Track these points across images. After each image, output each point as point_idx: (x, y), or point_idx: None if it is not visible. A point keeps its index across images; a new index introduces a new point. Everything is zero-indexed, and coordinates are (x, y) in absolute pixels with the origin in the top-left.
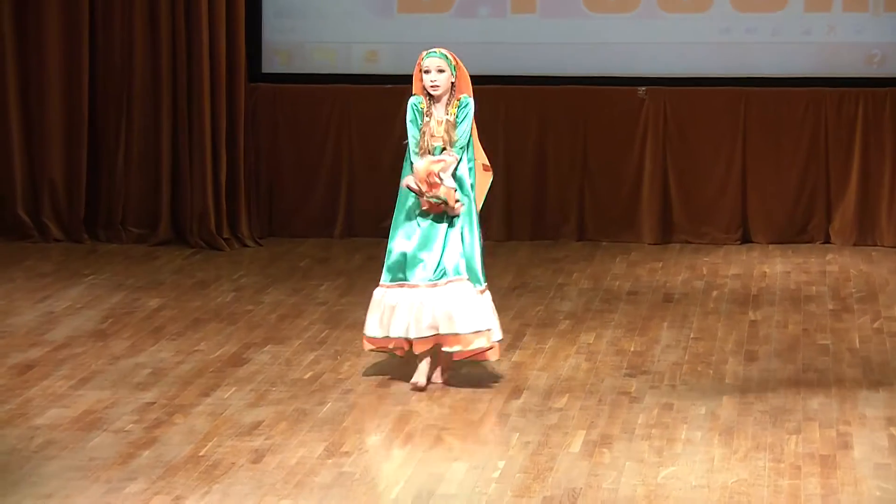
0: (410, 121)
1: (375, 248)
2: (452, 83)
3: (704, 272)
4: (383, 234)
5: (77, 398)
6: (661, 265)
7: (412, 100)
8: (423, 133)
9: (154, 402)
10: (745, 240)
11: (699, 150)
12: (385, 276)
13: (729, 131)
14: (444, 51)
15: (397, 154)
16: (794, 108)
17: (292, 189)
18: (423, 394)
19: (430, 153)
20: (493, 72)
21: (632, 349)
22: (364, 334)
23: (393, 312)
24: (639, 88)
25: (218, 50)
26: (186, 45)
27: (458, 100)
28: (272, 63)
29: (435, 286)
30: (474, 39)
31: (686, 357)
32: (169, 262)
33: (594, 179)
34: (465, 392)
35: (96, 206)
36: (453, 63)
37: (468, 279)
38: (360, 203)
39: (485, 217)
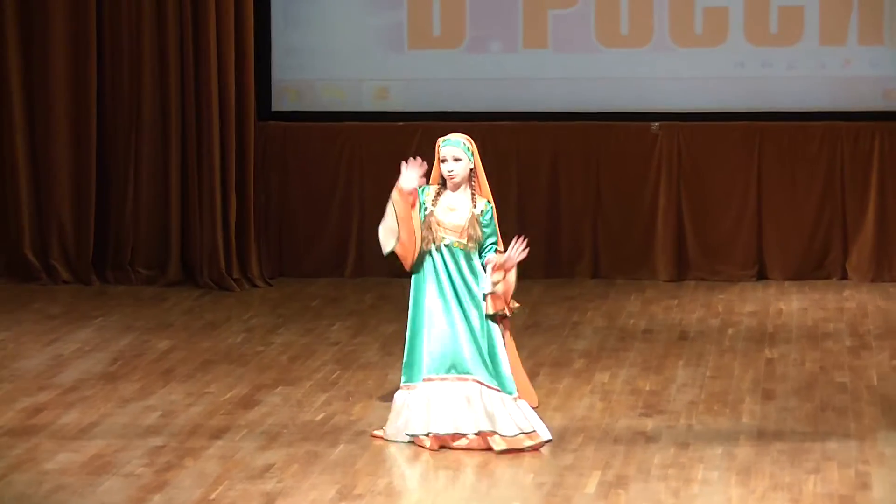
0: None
1: (387, 287)
2: (471, 170)
3: (720, 309)
4: (395, 273)
5: (86, 442)
6: (676, 303)
7: (424, 186)
8: (429, 223)
9: (164, 446)
10: (761, 276)
11: (714, 185)
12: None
13: (744, 166)
14: (460, 138)
15: None
16: (809, 143)
17: (303, 228)
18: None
19: (433, 243)
20: (505, 107)
21: (647, 388)
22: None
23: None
24: (652, 124)
25: (227, 88)
26: (195, 83)
27: (482, 201)
28: (282, 101)
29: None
30: (486, 75)
31: (702, 396)
32: (178, 303)
33: (608, 216)
34: None
35: (105, 248)
36: (470, 149)
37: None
38: (371, 242)
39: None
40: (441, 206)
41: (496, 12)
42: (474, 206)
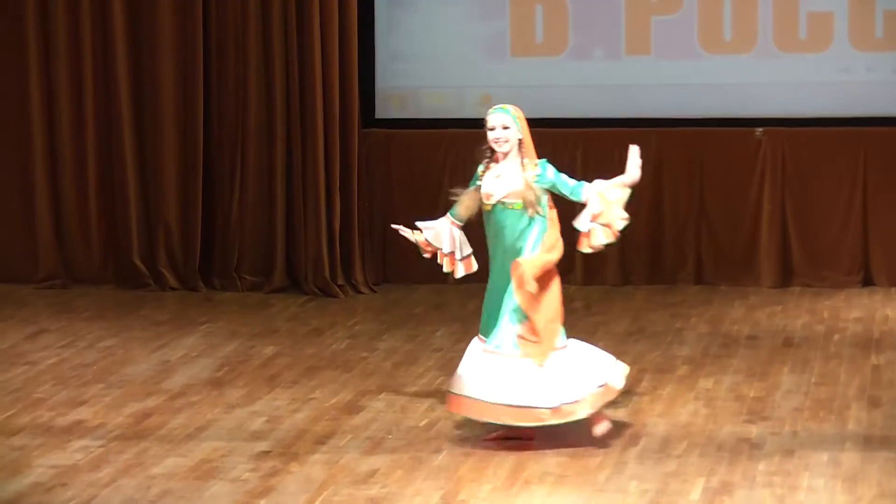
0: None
1: None
2: (520, 139)
3: (825, 316)
4: None
5: (193, 447)
6: (780, 309)
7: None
8: (476, 196)
9: (270, 451)
10: (867, 283)
11: (818, 191)
12: None
13: (849, 172)
14: (508, 107)
15: None
16: None
17: None
18: (541, 441)
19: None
20: (608, 114)
21: (752, 395)
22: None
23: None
24: (756, 129)
25: (331, 96)
26: (300, 91)
27: (533, 164)
28: (385, 108)
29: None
30: (589, 82)
31: (807, 403)
32: (283, 309)
33: (711, 222)
34: (582, 439)
35: (211, 255)
36: (518, 119)
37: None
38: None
39: (601, 261)
40: (488, 177)
41: (599, 19)
42: (525, 171)
